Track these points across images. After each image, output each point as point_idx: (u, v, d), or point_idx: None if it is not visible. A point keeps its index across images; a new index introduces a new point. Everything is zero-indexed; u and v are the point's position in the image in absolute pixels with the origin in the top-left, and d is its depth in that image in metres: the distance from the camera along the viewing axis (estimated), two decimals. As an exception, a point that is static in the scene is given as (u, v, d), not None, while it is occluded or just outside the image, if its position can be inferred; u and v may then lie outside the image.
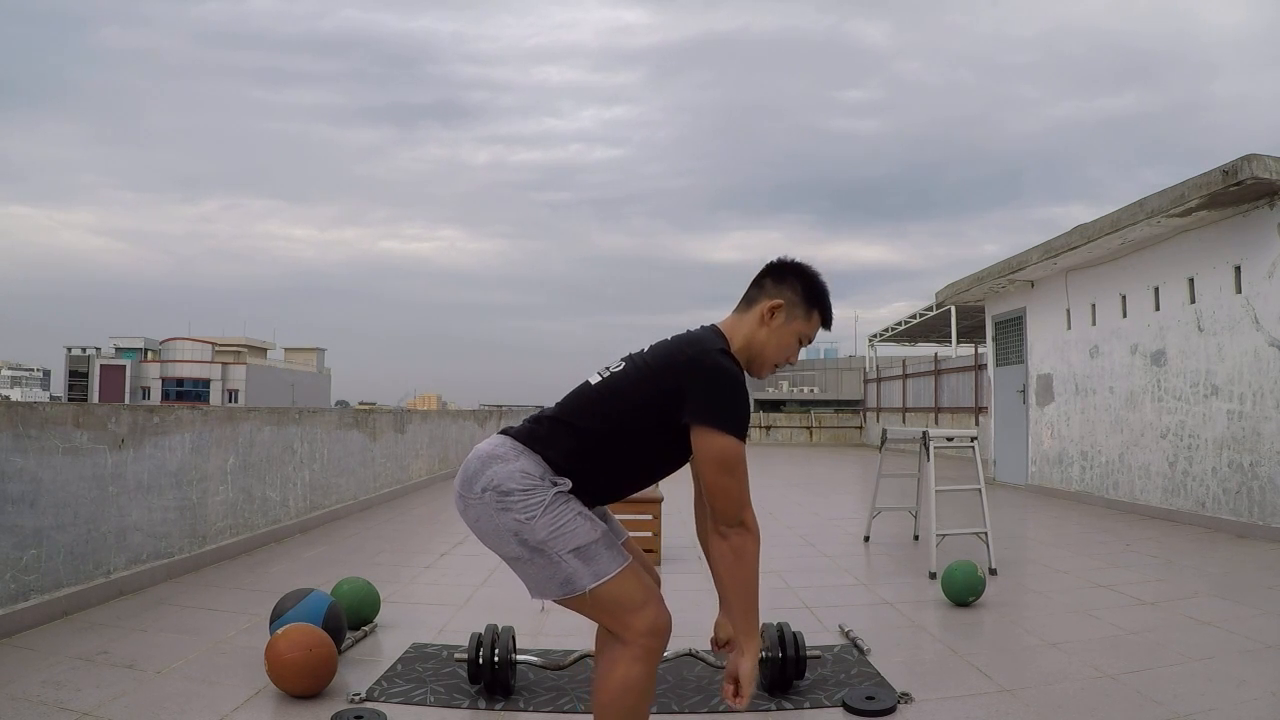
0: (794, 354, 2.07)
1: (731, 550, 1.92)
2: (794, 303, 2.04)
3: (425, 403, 70.48)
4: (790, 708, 2.79)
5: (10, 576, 3.41)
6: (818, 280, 2.07)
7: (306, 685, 2.77)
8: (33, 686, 2.80)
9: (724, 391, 1.89)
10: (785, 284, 2.05)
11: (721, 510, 1.91)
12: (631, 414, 1.94)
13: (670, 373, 1.92)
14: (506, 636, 2.88)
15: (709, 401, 1.88)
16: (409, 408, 16.17)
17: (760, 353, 2.04)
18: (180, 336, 69.02)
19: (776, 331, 2.04)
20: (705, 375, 1.90)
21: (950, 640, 3.54)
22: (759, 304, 2.05)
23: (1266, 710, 2.70)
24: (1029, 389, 9.91)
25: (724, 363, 1.92)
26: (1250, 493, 6.22)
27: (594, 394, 2.00)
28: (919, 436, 5.20)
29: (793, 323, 2.04)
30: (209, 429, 5.02)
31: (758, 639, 1.96)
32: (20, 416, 3.55)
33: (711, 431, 1.87)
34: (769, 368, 2.06)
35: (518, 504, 1.88)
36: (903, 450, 13.27)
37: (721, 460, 1.87)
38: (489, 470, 1.92)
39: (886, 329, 25.73)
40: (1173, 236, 7.20)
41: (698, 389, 1.88)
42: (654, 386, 1.93)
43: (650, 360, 1.99)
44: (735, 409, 1.89)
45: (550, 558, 1.88)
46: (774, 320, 2.03)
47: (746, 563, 1.94)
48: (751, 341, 2.04)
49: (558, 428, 1.97)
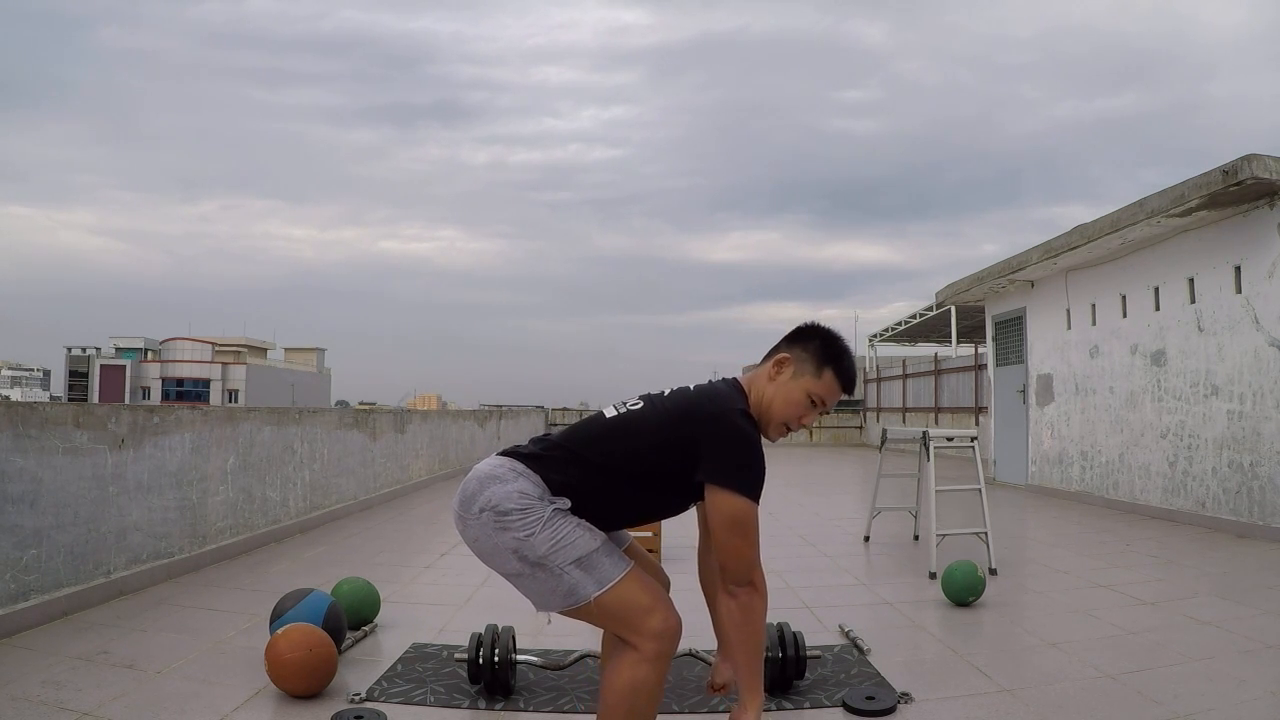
0: (806, 414, 2.03)
1: (740, 609, 1.93)
2: (804, 359, 2.02)
3: (425, 403, 70.47)
4: (790, 708, 2.79)
5: (10, 576, 3.41)
6: (835, 340, 2.05)
7: (306, 685, 2.77)
8: (33, 686, 2.80)
9: (741, 454, 1.89)
10: (799, 342, 2.04)
11: (731, 570, 1.92)
12: (643, 456, 1.94)
13: (689, 425, 1.92)
14: (506, 636, 2.88)
15: (726, 462, 1.88)
16: (409, 408, 16.18)
17: (768, 410, 2.03)
18: (180, 336, 69.02)
19: (783, 387, 2.02)
20: (724, 435, 1.90)
21: (950, 640, 3.54)
22: (771, 359, 2.04)
23: (1266, 710, 2.70)
24: (1029, 389, 9.91)
25: (743, 425, 1.92)
26: (1250, 493, 6.22)
27: (606, 429, 1.99)
28: (919, 436, 5.20)
29: (801, 379, 2.01)
30: (209, 429, 5.02)
31: (760, 695, 1.98)
32: (20, 416, 3.55)
33: (726, 492, 1.88)
34: (776, 428, 2.03)
35: (515, 523, 1.88)
36: (903, 450, 13.27)
37: (734, 521, 1.88)
38: (487, 491, 1.92)
39: (886, 329, 25.74)
40: (1173, 236, 7.20)
41: (715, 447, 1.89)
42: (671, 434, 1.93)
43: (670, 407, 1.98)
44: (751, 472, 1.89)
45: (552, 571, 1.88)
46: (780, 375, 2.02)
47: (753, 621, 1.94)
48: (760, 398, 2.03)
49: (565, 456, 1.97)
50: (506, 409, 20.04)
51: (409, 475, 9.41)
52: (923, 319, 23.14)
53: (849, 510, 7.93)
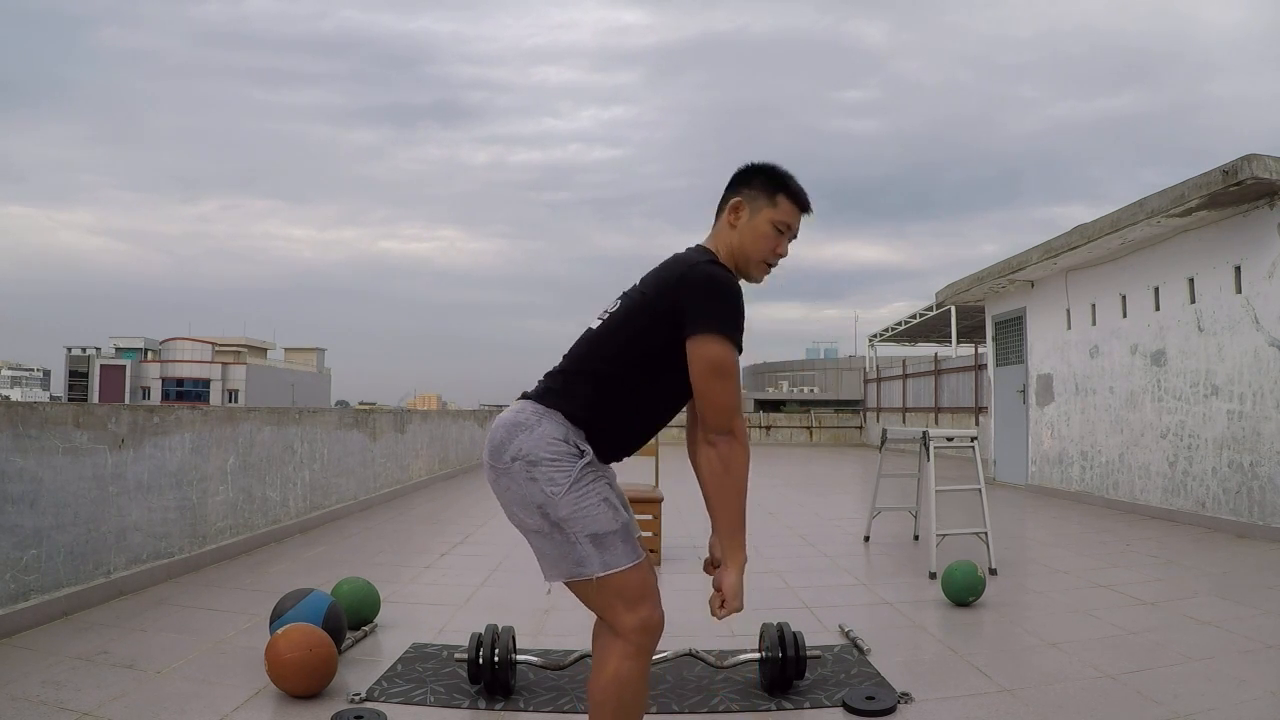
0: (779, 244, 2.05)
1: (719, 459, 1.89)
2: (754, 195, 2.03)
3: (425, 403, 70.49)
4: (790, 708, 2.79)
5: (10, 576, 3.41)
6: (774, 167, 2.06)
7: (306, 685, 2.77)
8: (33, 686, 2.80)
9: (716, 296, 1.88)
10: (742, 184, 2.05)
11: (710, 418, 1.89)
12: (636, 346, 1.93)
13: (664, 294, 1.92)
14: (506, 636, 2.88)
15: (702, 308, 1.87)
16: (409, 408, 16.17)
17: (742, 252, 2.03)
18: (180, 336, 69.01)
19: (748, 227, 2.03)
20: (698, 285, 1.89)
21: (950, 640, 3.54)
22: (725, 211, 2.05)
23: (1266, 710, 2.70)
24: (1029, 389, 9.91)
25: (715, 270, 1.92)
26: (1250, 493, 6.22)
27: (597, 337, 2.00)
28: (919, 436, 5.20)
29: (760, 213, 2.02)
30: (209, 429, 5.01)
31: (743, 552, 1.93)
32: (20, 416, 3.55)
33: (703, 337, 1.86)
34: (758, 266, 2.04)
35: (544, 475, 1.88)
36: (903, 450, 13.27)
37: (712, 364, 1.86)
38: (516, 440, 1.91)
39: (887, 329, 25.73)
40: (1173, 236, 7.20)
41: (692, 300, 1.88)
42: (651, 312, 1.93)
43: (643, 289, 1.99)
44: (727, 312, 1.88)
45: (567, 536, 1.88)
46: (740, 218, 2.03)
47: (734, 473, 1.89)
48: (729, 246, 2.03)
49: (571, 379, 1.97)
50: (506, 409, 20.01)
51: (409, 475, 9.41)
52: (923, 319, 23.13)
53: (849, 510, 7.93)
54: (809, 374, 50.98)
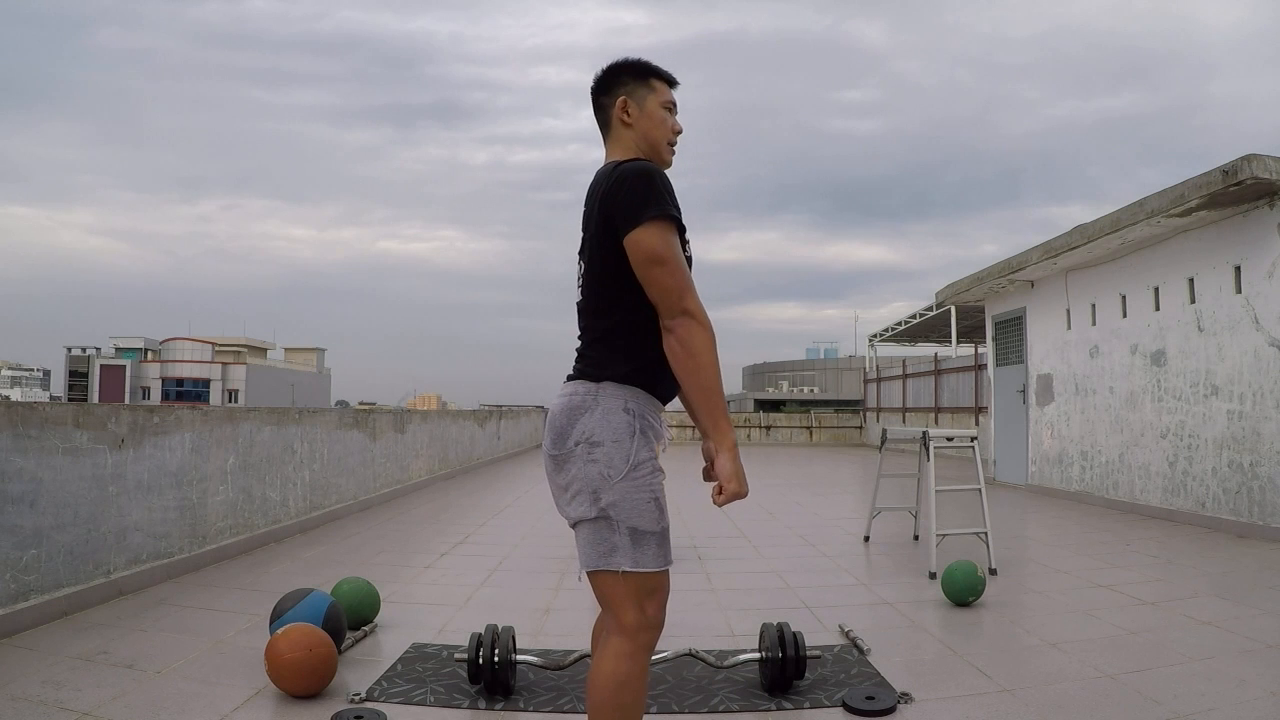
0: (674, 122, 2.09)
1: (679, 343, 1.85)
2: (632, 89, 2.06)
3: (425, 403, 70.52)
4: (790, 708, 2.79)
5: (10, 576, 3.41)
6: (632, 60, 2.10)
7: (306, 685, 2.77)
8: (33, 686, 2.80)
9: (635, 186, 1.88)
10: (614, 85, 2.08)
11: (663, 304, 1.86)
12: (614, 282, 1.92)
13: (599, 221, 1.93)
14: (506, 636, 2.88)
15: (624, 205, 1.87)
16: (409, 408, 16.18)
17: (647, 140, 2.05)
18: (180, 336, 69.03)
19: (641, 120, 2.05)
20: (617, 186, 1.90)
21: (950, 640, 3.54)
22: (612, 116, 2.07)
23: (1266, 710, 2.70)
24: (1029, 389, 9.91)
25: (625, 166, 1.92)
26: (1250, 493, 6.22)
27: (584, 301, 2.01)
28: (919, 436, 5.20)
29: (646, 100, 2.06)
30: (209, 429, 5.02)
31: (731, 434, 1.88)
32: (20, 416, 3.55)
33: (635, 230, 1.84)
34: (666, 149, 2.07)
35: (604, 456, 1.87)
36: (903, 450, 13.27)
37: (649, 252, 1.84)
38: (579, 423, 1.91)
39: (886, 329, 25.73)
40: (1173, 236, 7.20)
41: (616, 205, 1.88)
42: (603, 245, 1.92)
43: (585, 232, 2.01)
44: (649, 196, 1.86)
45: (611, 524, 1.88)
46: (631, 112, 2.05)
47: (697, 353, 1.84)
48: (635, 141, 2.05)
49: (596, 348, 1.97)
50: (506, 409, 20.03)
51: (409, 475, 9.41)
52: (923, 319, 23.13)
53: (849, 510, 7.93)
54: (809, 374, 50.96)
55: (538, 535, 6.29)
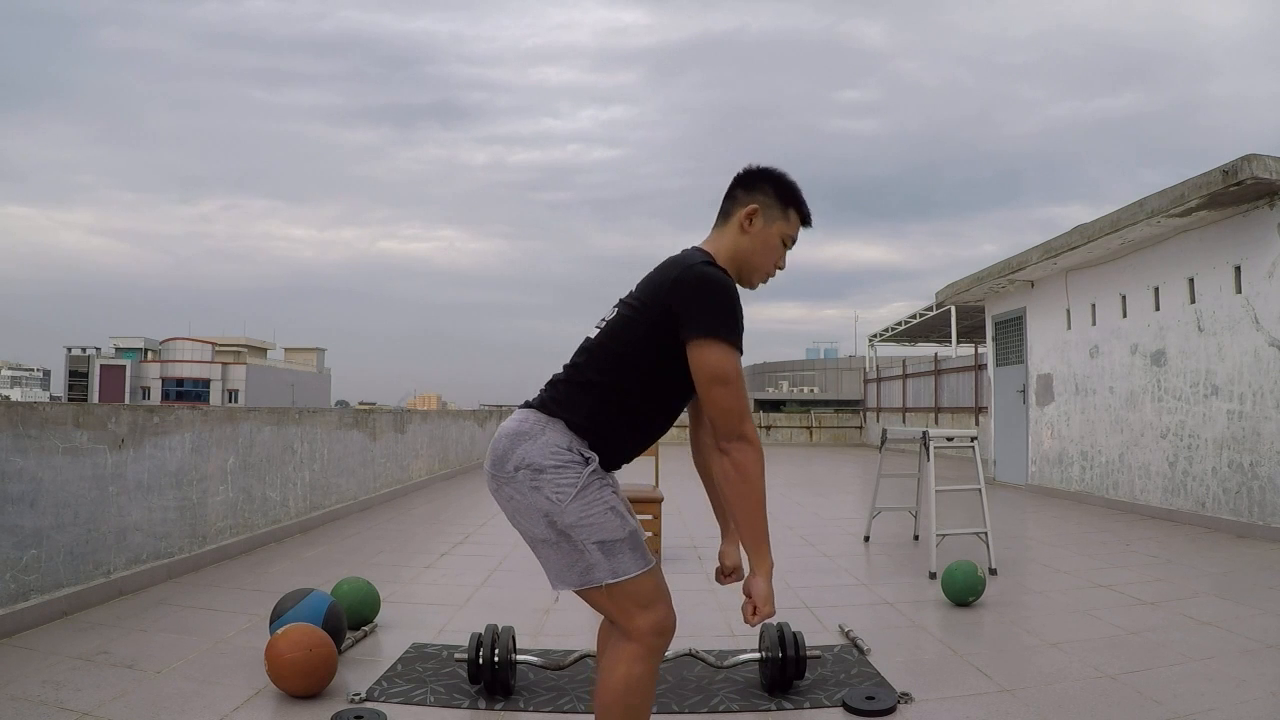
0: (781, 258, 2.05)
1: (734, 466, 1.86)
2: (769, 204, 2.02)
3: (425, 403, 70.51)
4: (790, 708, 2.79)
5: (10, 576, 3.41)
6: (787, 179, 2.05)
7: (306, 685, 2.77)
8: (33, 686, 2.80)
9: (713, 299, 1.86)
10: (757, 189, 2.03)
11: (721, 425, 1.86)
12: (633, 353, 1.91)
13: (658, 298, 1.90)
14: (506, 636, 2.88)
15: (699, 311, 1.85)
16: (409, 408, 16.17)
17: (748, 260, 2.02)
18: (180, 336, 69.02)
19: (759, 236, 2.01)
20: (692, 288, 1.86)
21: (950, 640, 3.54)
22: (735, 214, 2.03)
23: (1266, 710, 2.70)
24: (1029, 389, 9.91)
25: (710, 272, 1.89)
26: (1250, 493, 6.22)
27: (595, 346, 1.98)
28: (919, 436, 5.20)
29: (773, 224, 2.02)
30: (209, 429, 5.01)
31: (769, 557, 1.91)
32: (20, 416, 3.55)
33: (704, 342, 1.83)
34: (760, 275, 2.04)
35: (549, 482, 1.86)
36: (903, 450, 13.27)
37: (714, 371, 1.83)
38: (519, 448, 1.90)
39: (886, 329, 25.72)
40: (1173, 236, 7.20)
41: (687, 303, 1.85)
42: (646, 317, 1.90)
43: (639, 294, 1.97)
44: (727, 315, 1.85)
45: (575, 545, 1.87)
46: (754, 225, 2.01)
47: (751, 478, 1.87)
48: (737, 250, 2.01)
49: (572, 389, 1.95)
50: (506, 409, 20.03)
51: (409, 475, 9.41)
52: (923, 319, 23.13)
53: (849, 510, 7.93)
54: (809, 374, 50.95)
55: (538, 535, 6.28)
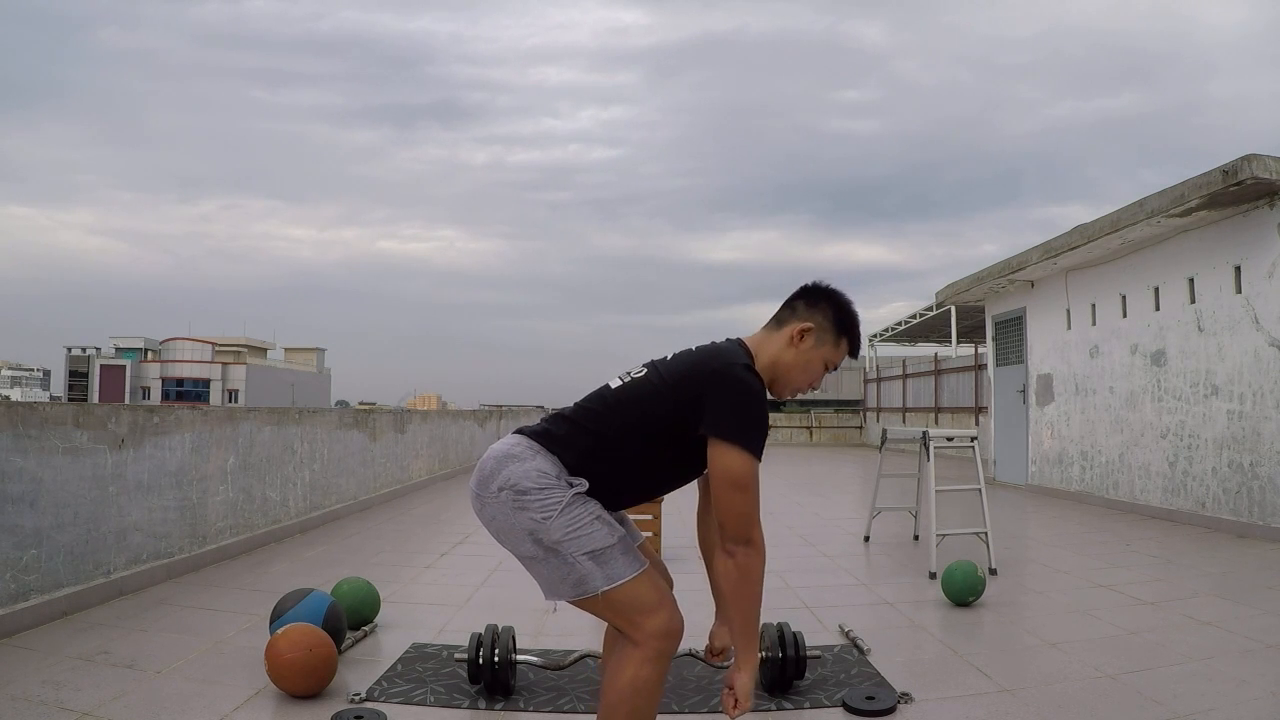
0: (818, 380, 2.06)
1: (737, 569, 1.90)
2: (824, 328, 2.03)
3: (425, 403, 70.46)
4: (790, 708, 2.79)
5: (10, 576, 3.41)
6: (850, 308, 2.06)
7: (306, 685, 2.77)
8: (33, 686, 2.80)
9: (744, 406, 1.87)
10: (818, 309, 2.04)
11: (730, 528, 1.89)
12: (651, 421, 1.93)
13: (692, 382, 1.91)
14: (506, 636, 2.88)
15: (728, 415, 1.87)
16: (409, 408, 16.18)
17: (786, 374, 2.03)
18: (180, 336, 68.98)
19: (804, 354, 2.03)
20: (727, 388, 1.88)
21: (950, 640, 3.54)
22: (789, 325, 2.04)
23: (1266, 710, 2.70)
24: (1029, 389, 9.91)
25: (747, 378, 1.90)
26: (1250, 493, 6.22)
27: (614, 399, 1.99)
28: (919, 436, 5.20)
29: (821, 348, 2.03)
30: (209, 429, 5.01)
31: (756, 655, 1.96)
32: (20, 416, 3.55)
33: (727, 446, 1.86)
34: (791, 391, 2.05)
35: (534, 503, 1.87)
36: (903, 450, 13.27)
37: (734, 477, 1.86)
38: (505, 470, 1.91)
39: (886, 329, 25.74)
40: (1173, 236, 7.20)
41: (718, 401, 1.87)
42: (675, 396, 1.92)
43: (673, 368, 1.98)
44: (753, 425, 1.88)
45: (564, 559, 1.88)
46: (803, 343, 2.02)
47: (751, 581, 1.91)
48: (778, 362, 2.03)
49: (576, 431, 1.96)
50: (506, 409, 20.03)
51: (409, 475, 9.41)
52: (923, 319, 23.14)
53: (849, 510, 7.93)
54: (809, 374, 50.68)
55: (538, 535, 6.28)
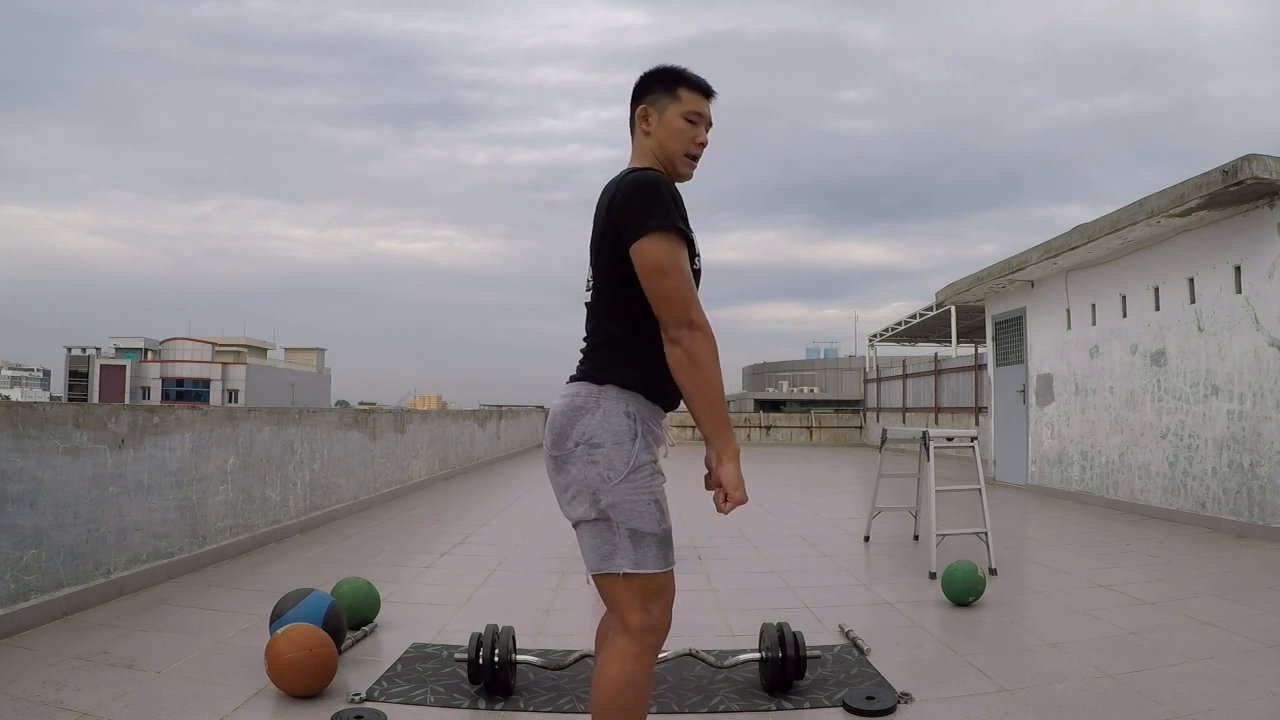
0: (696, 133, 2.04)
1: (686, 354, 1.85)
2: (656, 98, 2.04)
3: (425, 403, 70.49)
4: (790, 708, 2.79)
5: (10, 576, 3.41)
6: (667, 66, 2.07)
7: (306, 685, 2.77)
8: (33, 686, 2.80)
9: (640, 197, 1.87)
10: (641, 93, 2.07)
11: (666, 315, 1.86)
12: (620, 284, 1.93)
13: (608, 226, 1.92)
14: (506, 636, 2.88)
15: (631, 215, 1.87)
16: (409, 408, 16.17)
17: (663, 152, 2.03)
18: (180, 336, 68.99)
19: (660, 127, 2.03)
20: (622, 196, 1.89)
21: (950, 640, 3.54)
22: (635, 126, 2.07)
23: (1266, 710, 2.70)
24: (1029, 389, 9.91)
25: (635, 175, 1.92)
26: (1250, 493, 6.22)
27: (593, 302, 2.01)
28: (919, 436, 5.20)
29: (666, 110, 2.03)
30: (209, 429, 5.01)
31: (733, 442, 1.92)
32: (20, 416, 3.55)
33: (640, 241, 1.85)
34: (682, 161, 2.04)
35: (604, 458, 1.88)
36: (903, 450, 13.27)
37: (652, 263, 1.84)
38: (579, 424, 1.92)
39: (886, 329, 25.72)
40: (1173, 236, 7.20)
41: (623, 213, 1.88)
42: (609, 247, 1.93)
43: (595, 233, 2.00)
44: (655, 207, 1.86)
45: (610, 526, 1.88)
46: (650, 122, 2.04)
47: (703, 365, 1.86)
48: (651, 151, 2.04)
49: (600, 351, 1.98)
50: (506, 409, 20.02)
51: (409, 475, 9.41)
52: (923, 319, 23.13)
53: (849, 510, 7.93)
54: (809, 374, 50.94)
55: (538, 535, 6.29)
